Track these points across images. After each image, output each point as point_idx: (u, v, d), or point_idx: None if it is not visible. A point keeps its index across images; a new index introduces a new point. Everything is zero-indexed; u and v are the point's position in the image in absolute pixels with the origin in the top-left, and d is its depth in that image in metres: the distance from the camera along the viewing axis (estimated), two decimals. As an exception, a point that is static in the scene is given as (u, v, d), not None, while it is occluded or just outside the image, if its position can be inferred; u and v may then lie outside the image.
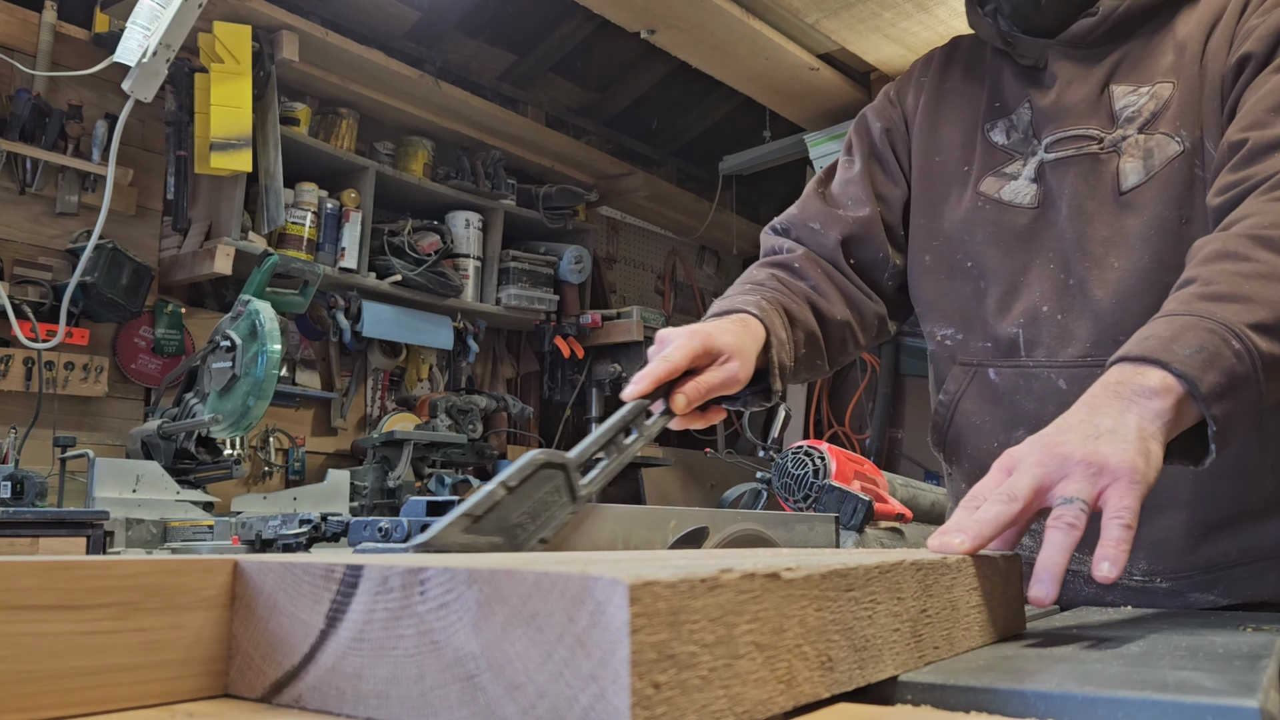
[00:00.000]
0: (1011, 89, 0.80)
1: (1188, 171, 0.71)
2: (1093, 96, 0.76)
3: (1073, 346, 0.74)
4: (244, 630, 0.32)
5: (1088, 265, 0.74)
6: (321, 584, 0.30)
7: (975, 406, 0.79)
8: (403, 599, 0.29)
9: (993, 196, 0.78)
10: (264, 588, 0.32)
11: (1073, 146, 0.75)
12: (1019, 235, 0.77)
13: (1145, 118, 0.74)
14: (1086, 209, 0.74)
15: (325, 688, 0.30)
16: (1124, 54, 0.76)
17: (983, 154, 0.80)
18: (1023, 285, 0.76)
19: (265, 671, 0.31)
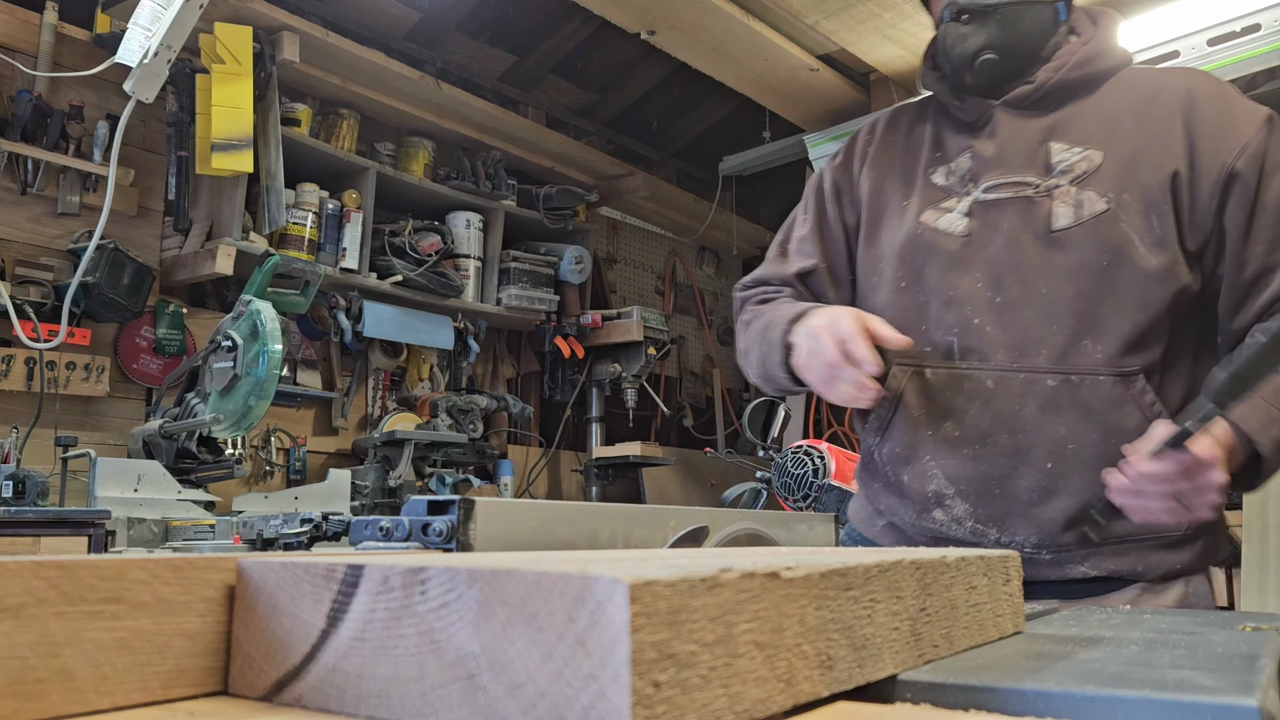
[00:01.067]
0: (953, 141, 0.96)
1: (1114, 226, 0.86)
2: (1032, 150, 0.90)
3: (1001, 354, 0.88)
4: (245, 630, 0.32)
5: (1018, 288, 0.88)
6: (322, 583, 0.30)
7: (914, 399, 0.92)
8: (403, 599, 0.29)
9: (930, 225, 0.93)
10: (265, 587, 0.32)
11: (1011, 190, 0.90)
12: (951, 258, 0.91)
13: (1077, 174, 0.88)
14: (1021, 241, 0.88)
15: (326, 687, 0.30)
16: (1060, 118, 0.91)
17: (923, 191, 0.95)
18: (956, 301, 0.90)
19: (266, 671, 0.31)
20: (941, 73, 0.97)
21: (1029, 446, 0.86)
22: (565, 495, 3.17)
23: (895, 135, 1.01)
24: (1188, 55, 2.08)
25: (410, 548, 0.47)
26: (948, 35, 0.92)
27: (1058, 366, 0.85)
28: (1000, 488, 0.87)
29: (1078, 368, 0.85)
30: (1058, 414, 0.85)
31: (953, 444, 0.89)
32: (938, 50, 0.95)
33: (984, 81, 0.92)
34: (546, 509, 0.54)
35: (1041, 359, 0.86)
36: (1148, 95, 0.90)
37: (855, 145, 1.04)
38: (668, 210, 3.55)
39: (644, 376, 3.15)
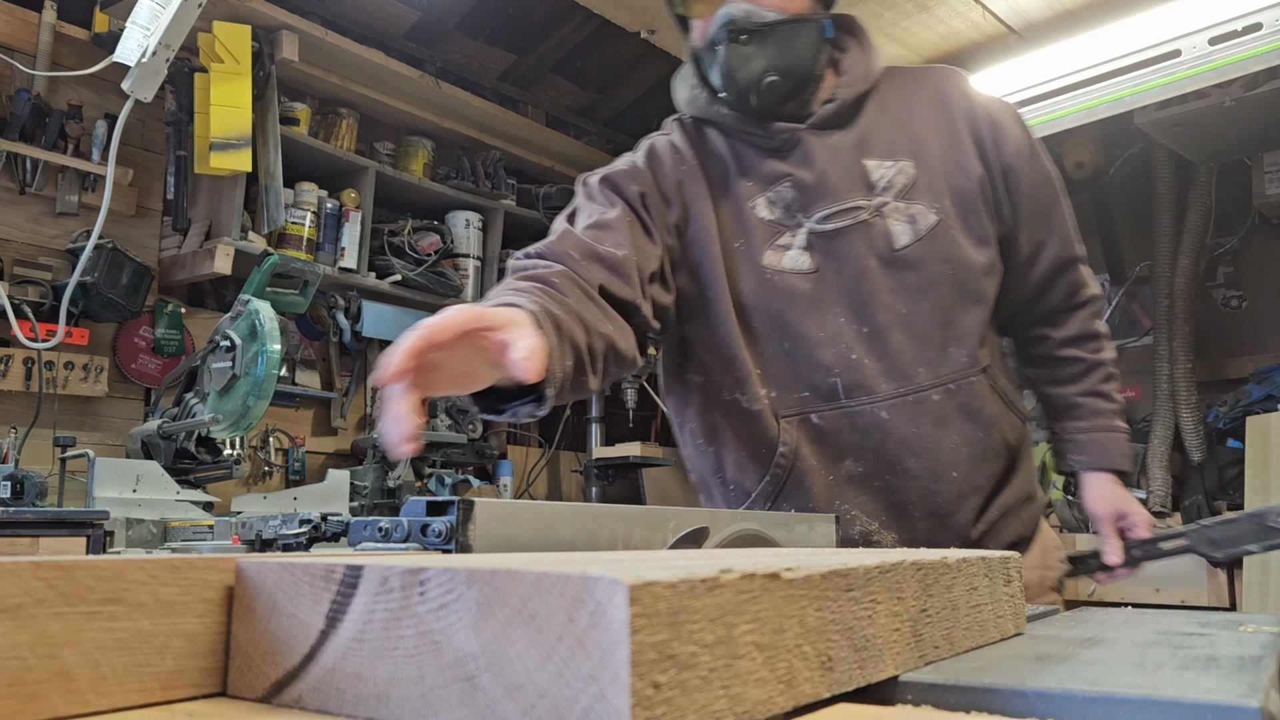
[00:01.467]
0: (762, 168, 0.92)
1: (947, 234, 0.90)
2: (850, 170, 0.90)
3: (884, 382, 0.88)
4: (243, 631, 0.32)
5: (879, 314, 0.88)
6: (321, 584, 0.30)
7: (811, 450, 0.90)
8: (402, 599, 0.29)
9: (776, 268, 0.90)
10: (264, 588, 0.32)
11: (847, 218, 0.89)
12: (808, 299, 0.89)
13: (899, 188, 0.90)
14: (868, 267, 0.89)
15: (325, 688, 0.30)
16: (862, 133, 0.92)
17: (754, 229, 0.90)
18: (826, 341, 0.88)
19: (265, 672, 0.31)
20: (719, 97, 0.91)
21: (935, 463, 0.88)
22: (565, 496, 3.17)
23: (699, 158, 0.93)
24: (1189, 54, 2.08)
25: (409, 549, 0.47)
26: (731, 58, 0.87)
27: (938, 380, 0.89)
28: (921, 508, 0.89)
29: (951, 375, 0.89)
30: (948, 424, 0.89)
31: (860, 481, 0.89)
32: (715, 74, 0.89)
33: (768, 104, 0.89)
34: (546, 510, 0.54)
35: (921, 377, 0.88)
36: (932, 100, 0.94)
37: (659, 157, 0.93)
38: (667, 210, 3.55)
39: (644, 376, 3.15)
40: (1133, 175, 2.93)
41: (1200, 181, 2.69)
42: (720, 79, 0.90)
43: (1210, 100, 2.34)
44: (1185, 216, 2.70)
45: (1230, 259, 2.83)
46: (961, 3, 2.38)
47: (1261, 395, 2.54)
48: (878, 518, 0.89)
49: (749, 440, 0.92)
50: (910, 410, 0.88)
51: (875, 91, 0.94)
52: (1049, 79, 2.18)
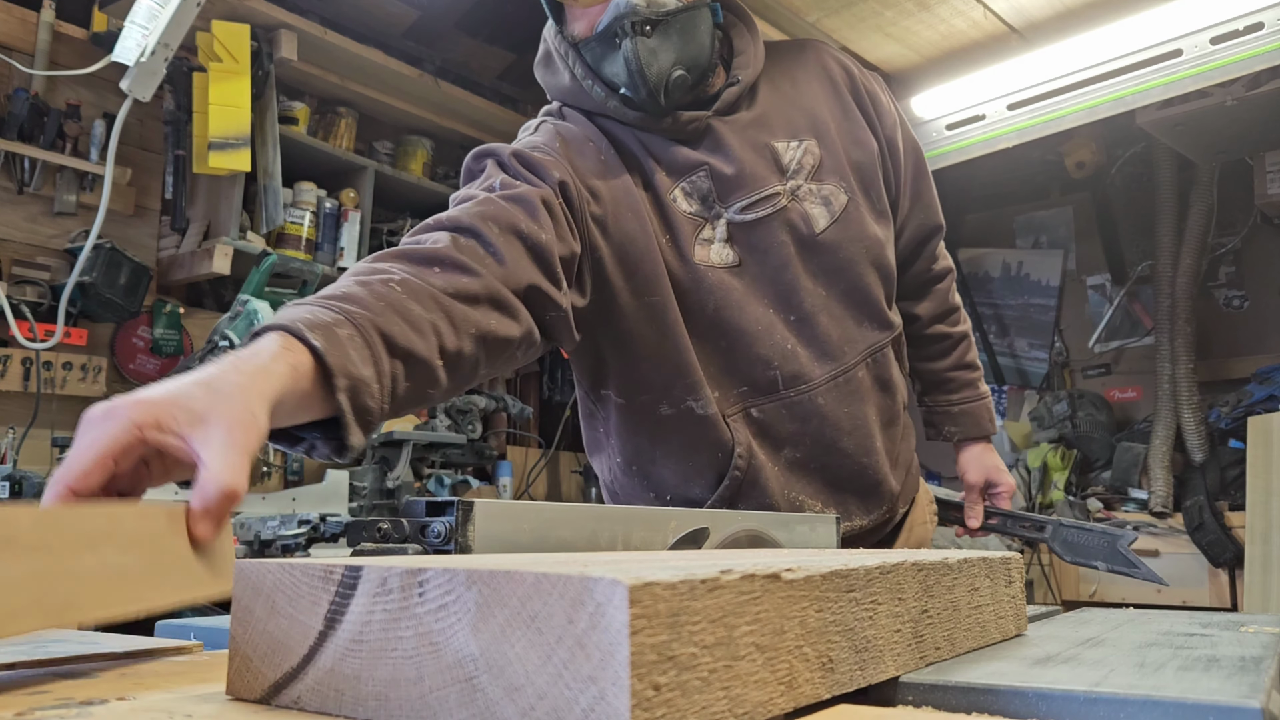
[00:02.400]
0: (671, 156, 0.86)
1: (857, 212, 0.90)
2: (762, 157, 0.87)
3: (816, 368, 0.88)
4: (242, 632, 0.32)
5: (804, 300, 0.88)
6: (320, 585, 0.30)
7: (760, 443, 0.88)
8: (402, 600, 0.28)
9: (707, 263, 0.85)
10: (263, 589, 0.32)
11: (766, 206, 0.86)
12: (738, 292, 0.86)
13: (809, 169, 0.89)
14: (789, 255, 0.87)
15: (324, 689, 0.30)
16: (761, 115, 0.89)
17: (678, 224, 0.85)
18: (759, 334, 0.86)
19: (264, 673, 0.31)
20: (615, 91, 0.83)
21: (864, 437, 0.91)
22: (565, 496, 3.17)
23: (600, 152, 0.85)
24: (1190, 54, 2.08)
25: (408, 549, 0.46)
26: (639, 52, 0.79)
27: (860, 356, 0.91)
28: (855, 483, 0.92)
29: (870, 349, 0.92)
30: (868, 398, 0.91)
31: (800, 466, 0.89)
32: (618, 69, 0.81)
33: (675, 101, 0.82)
34: (546, 510, 0.54)
35: (848, 356, 0.90)
36: (817, 75, 0.94)
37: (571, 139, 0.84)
38: (667, 210, 3.55)
39: (643, 376, 3.15)
40: (1134, 175, 2.93)
41: (1202, 181, 2.68)
42: (626, 75, 0.80)
43: (1212, 100, 2.34)
44: (1187, 216, 2.70)
45: (1232, 259, 2.83)
46: (962, 1, 2.38)
47: (1263, 395, 2.53)
48: (820, 497, 0.91)
49: (700, 448, 0.86)
50: (841, 391, 0.89)
51: (763, 72, 0.91)
52: (1050, 78, 2.18)
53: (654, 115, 0.84)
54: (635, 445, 0.90)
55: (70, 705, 0.31)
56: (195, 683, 0.36)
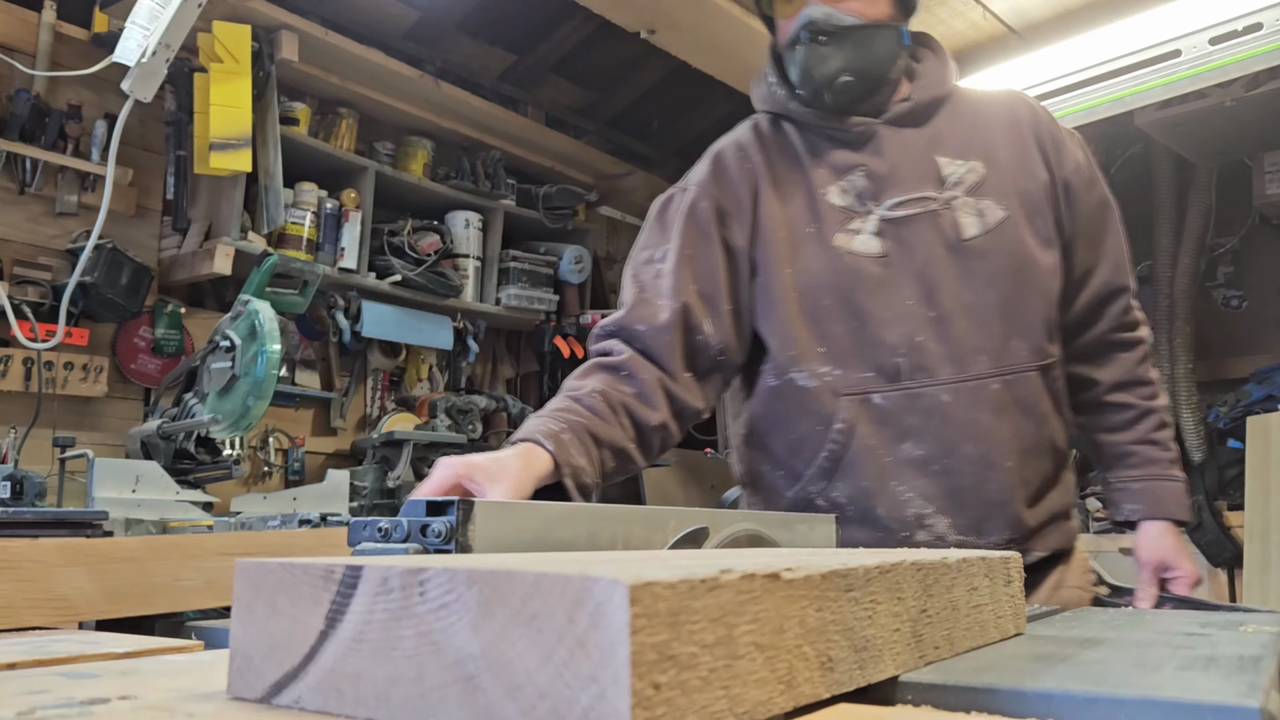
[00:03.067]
0: (836, 158, 0.96)
1: (1015, 231, 0.93)
2: (922, 164, 0.95)
3: (946, 367, 0.91)
4: (243, 631, 0.32)
5: (946, 300, 0.91)
6: (321, 584, 0.30)
7: (868, 429, 0.92)
8: (402, 600, 0.29)
9: (846, 250, 0.93)
10: (264, 588, 0.32)
11: (916, 205, 0.93)
12: (875, 280, 0.92)
13: (969, 185, 0.94)
14: (936, 254, 0.92)
15: (325, 689, 0.30)
16: (934, 133, 0.96)
17: (825, 215, 0.95)
18: (891, 321, 0.91)
19: (265, 672, 0.31)
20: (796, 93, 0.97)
21: (990, 451, 0.90)
22: (564, 495, 3.16)
23: (770, 154, 0.99)
24: (1189, 54, 2.08)
25: (409, 549, 0.46)
26: (809, 56, 0.93)
27: (997, 370, 0.91)
28: (975, 495, 0.90)
29: (1011, 367, 0.92)
30: (1005, 414, 0.91)
31: (918, 464, 0.90)
32: (793, 71, 0.96)
33: (841, 102, 0.95)
34: (546, 510, 0.54)
35: (983, 365, 0.90)
36: (1002, 114, 0.99)
37: (726, 166, 0.99)
38: (667, 210, 3.55)
39: (643, 376, 3.15)
40: (1133, 175, 2.93)
41: (1201, 181, 2.68)
42: (798, 75, 0.95)
43: (1211, 100, 2.34)
44: (1186, 216, 2.70)
45: (1231, 259, 2.82)
46: (962, 2, 2.38)
47: (1262, 395, 2.53)
48: (934, 501, 0.90)
49: (803, 418, 0.94)
50: (970, 396, 0.90)
51: (948, 102, 0.99)
52: (1049, 79, 2.18)
53: (824, 114, 0.96)
54: (750, 414, 0.98)
55: (72, 704, 0.31)
56: (196, 682, 0.36)
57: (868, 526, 0.92)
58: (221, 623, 0.56)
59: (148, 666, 0.40)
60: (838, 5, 0.93)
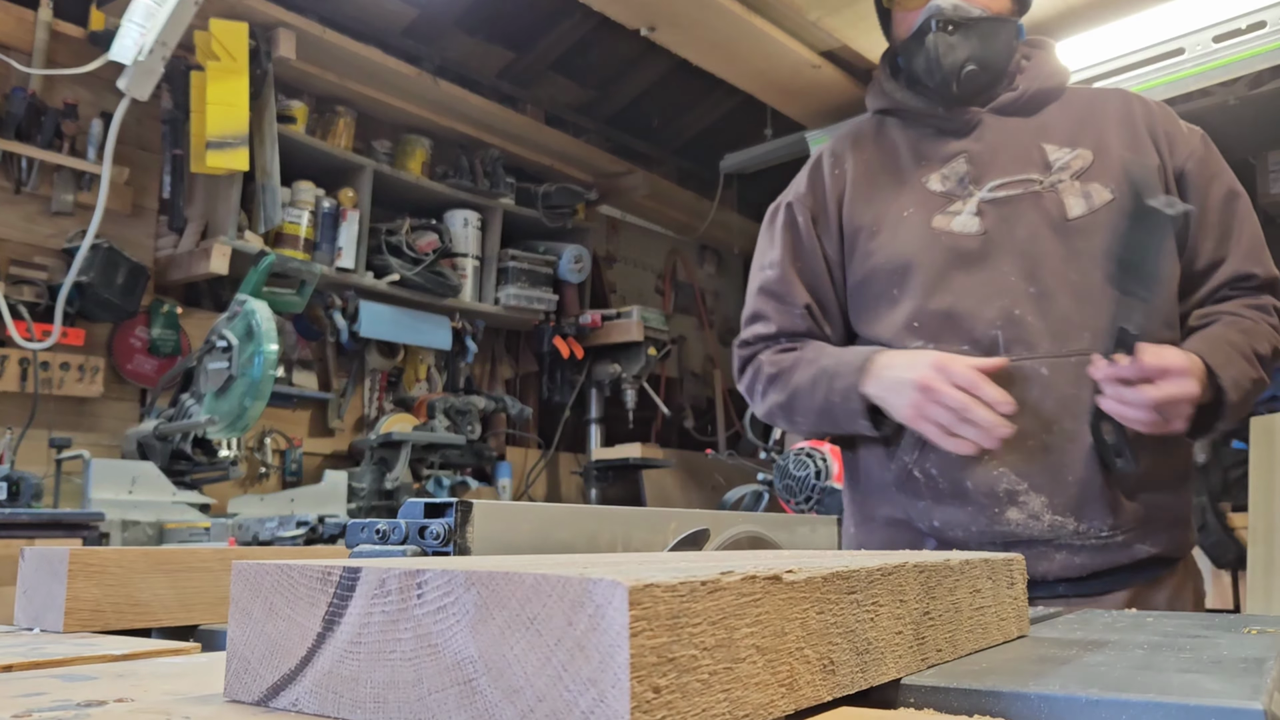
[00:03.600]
0: (937, 148, 0.99)
1: (1117, 214, 0.90)
2: (1027, 150, 0.96)
3: (1046, 342, 0.90)
4: (240, 634, 0.32)
5: (1048, 277, 0.91)
6: (318, 587, 0.30)
7: None
8: (400, 602, 0.28)
9: (945, 229, 0.95)
10: (261, 590, 0.32)
11: (1019, 187, 0.94)
12: (973, 257, 0.93)
13: (1075, 170, 0.94)
14: (1040, 232, 0.92)
15: (322, 691, 0.30)
16: (1042, 122, 0.98)
17: (922, 200, 0.97)
18: (990, 296, 0.92)
19: (262, 675, 0.31)
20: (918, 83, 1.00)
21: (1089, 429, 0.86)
22: (564, 497, 3.17)
23: (866, 154, 1.02)
24: (1193, 52, 2.08)
25: (407, 550, 0.46)
26: (938, 44, 0.96)
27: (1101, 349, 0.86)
28: (1072, 474, 0.87)
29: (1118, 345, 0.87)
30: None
31: (1015, 439, 0.86)
32: (919, 61, 0.98)
33: (967, 92, 0.97)
34: (545, 511, 0.53)
35: (1085, 342, 0.88)
36: (1115, 106, 0.98)
37: (821, 174, 1.04)
38: (668, 208, 3.55)
39: (644, 377, 3.15)
40: (1131, 174, 2.92)
41: (1200, 181, 2.67)
42: (925, 64, 0.97)
43: (1214, 99, 2.34)
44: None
45: (1229, 258, 2.82)
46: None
47: (1266, 396, 2.53)
48: (1028, 478, 0.87)
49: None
50: (1072, 371, 0.87)
51: (1059, 97, 0.99)
52: (1048, 78, 2.17)
53: (944, 103, 0.99)
54: None
55: (68, 706, 0.31)
56: (193, 685, 0.36)
57: (959, 501, 0.90)
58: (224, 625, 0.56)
59: (145, 669, 0.40)
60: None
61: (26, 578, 0.54)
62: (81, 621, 0.52)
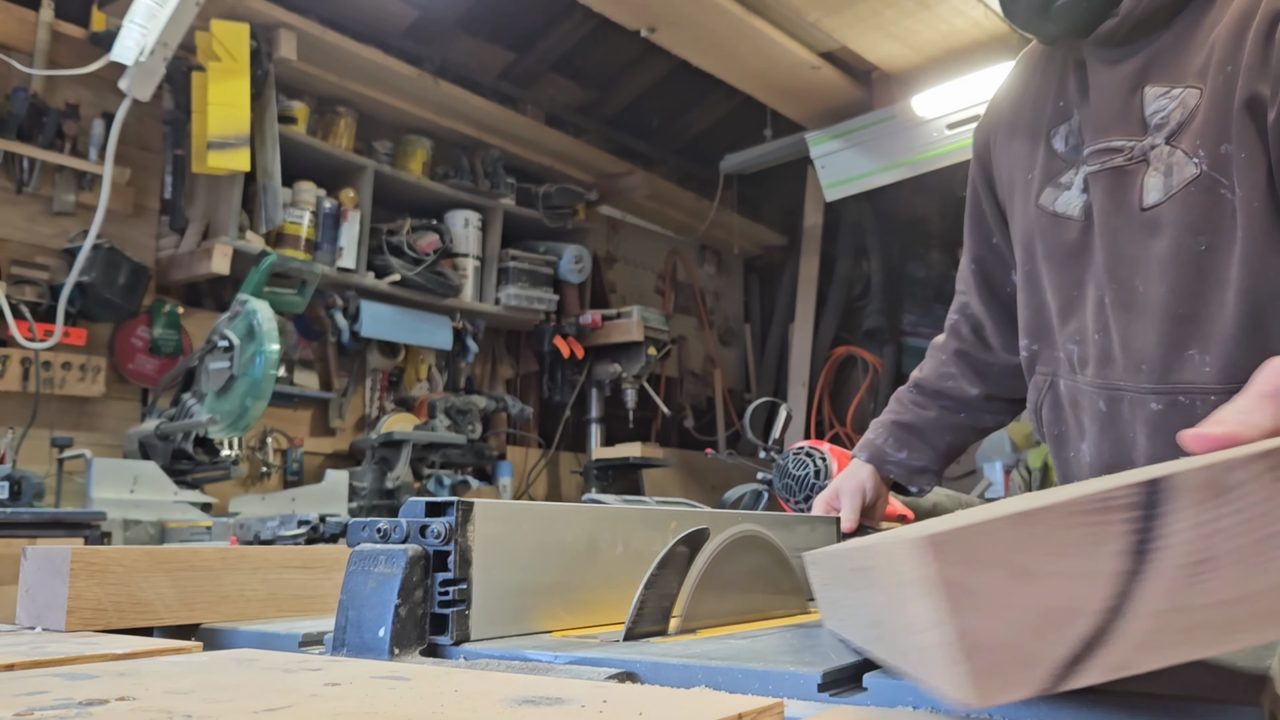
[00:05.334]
0: (1072, 92, 0.77)
1: (1206, 195, 0.68)
2: (1124, 101, 0.72)
3: (1109, 369, 0.74)
4: (973, 621, 0.24)
5: (1115, 287, 0.73)
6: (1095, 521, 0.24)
7: (1051, 415, 0.82)
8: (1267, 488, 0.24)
9: (1048, 209, 0.77)
10: (981, 558, 0.24)
11: (1102, 159, 0.73)
12: (1070, 249, 0.76)
13: (1172, 126, 0.70)
14: (1113, 225, 0.72)
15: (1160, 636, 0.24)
16: (1155, 51, 0.71)
17: (1045, 162, 0.79)
18: (1076, 301, 0.76)
19: (1040, 653, 0.24)
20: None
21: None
22: (565, 497, 3.17)
23: (1031, 82, 0.82)
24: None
25: (408, 550, 0.46)
26: None
27: (1160, 385, 0.70)
28: None
29: (1184, 385, 0.69)
30: (1161, 438, 0.70)
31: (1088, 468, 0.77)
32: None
33: (1070, 24, 0.71)
34: (546, 511, 0.53)
35: (1143, 375, 0.71)
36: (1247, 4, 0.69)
37: (981, 129, 0.89)
38: (668, 209, 3.55)
39: (644, 377, 3.15)
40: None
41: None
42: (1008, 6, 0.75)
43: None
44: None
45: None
46: (963, 1, 2.38)
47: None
48: None
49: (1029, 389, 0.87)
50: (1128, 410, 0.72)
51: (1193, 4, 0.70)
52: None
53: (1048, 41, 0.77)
54: None
55: (70, 705, 0.31)
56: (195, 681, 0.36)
57: None
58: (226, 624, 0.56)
59: (146, 668, 0.40)
60: None
61: (29, 577, 0.54)
62: (84, 620, 0.52)
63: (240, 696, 0.33)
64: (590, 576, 0.54)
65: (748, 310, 4.07)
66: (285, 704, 0.31)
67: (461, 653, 0.45)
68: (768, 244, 3.95)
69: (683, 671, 0.40)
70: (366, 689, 0.34)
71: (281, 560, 0.60)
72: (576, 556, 0.54)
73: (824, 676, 0.37)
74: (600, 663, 0.41)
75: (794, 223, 3.80)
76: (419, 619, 0.45)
